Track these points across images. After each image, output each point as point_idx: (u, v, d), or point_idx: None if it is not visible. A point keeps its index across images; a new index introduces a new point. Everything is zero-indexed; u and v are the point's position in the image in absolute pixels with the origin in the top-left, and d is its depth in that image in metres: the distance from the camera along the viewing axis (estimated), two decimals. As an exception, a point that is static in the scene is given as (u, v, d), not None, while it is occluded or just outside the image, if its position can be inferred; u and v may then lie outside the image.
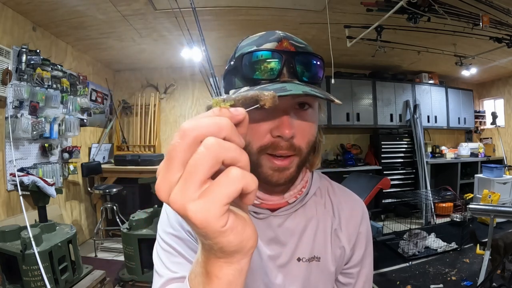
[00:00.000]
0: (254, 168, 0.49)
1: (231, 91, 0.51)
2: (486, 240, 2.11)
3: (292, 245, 0.58)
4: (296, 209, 0.59)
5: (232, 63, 0.53)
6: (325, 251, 0.59)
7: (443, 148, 4.94)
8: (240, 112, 0.26)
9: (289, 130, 0.46)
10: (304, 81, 0.49)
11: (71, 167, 3.31)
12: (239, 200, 0.25)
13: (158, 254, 0.56)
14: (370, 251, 0.65)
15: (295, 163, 0.51)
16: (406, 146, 4.58)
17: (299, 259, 0.58)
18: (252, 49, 0.50)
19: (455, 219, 3.89)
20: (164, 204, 0.58)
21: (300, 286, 0.58)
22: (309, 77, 0.50)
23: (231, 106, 0.26)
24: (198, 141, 0.23)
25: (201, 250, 0.28)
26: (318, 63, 0.51)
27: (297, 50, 0.50)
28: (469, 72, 4.29)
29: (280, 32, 0.53)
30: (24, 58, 2.61)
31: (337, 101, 0.48)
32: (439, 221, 4.11)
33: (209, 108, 0.27)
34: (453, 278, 2.50)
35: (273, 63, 0.47)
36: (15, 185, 2.24)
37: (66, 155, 3.25)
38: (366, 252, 0.64)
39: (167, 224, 0.58)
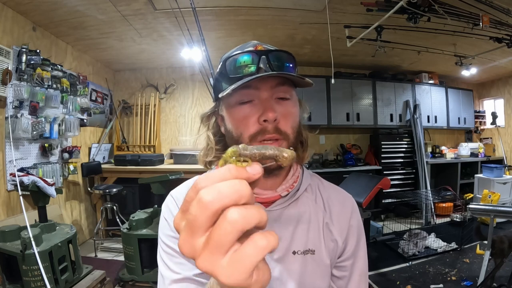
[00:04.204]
0: None
1: (220, 95, 0.56)
2: (493, 237, 2.07)
3: (286, 239, 0.60)
4: (289, 203, 0.62)
5: (218, 70, 0.61)
6: (319, 244, 0.61)
7: (443, 148, 4.93)
8: (257, 171, 0.26)
9: (272, 113, 0.54)
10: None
11: (71, 167, 3.31)
12: None
13: (161, 256, 0.60)
14: (363, 245, 0.67)
15: (284, 147, 0.56)
16: (406, 146, 4.57)
17: (294, 252, 0.60)
18: (233, 53, 0.58)
19: (455, 219, 3.89)
20: (162, 209, 0.65)
21: (297, 279, 0.59)
22: (282, 69, 0.57)
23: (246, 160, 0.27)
24: (219, 212, 0.24)
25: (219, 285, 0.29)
26: (289, 57, 0.59)
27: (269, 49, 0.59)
28: (469, 72, 4.29)
29: (255, 41, 0.62)
30: (24, 58, 2.61)
31: (307, 79, 0.56)
32: (439, 221, 4.11)
33: (223, 161, 0.28)
34: (453, 278, 2.50)
35: (251, 60, 0.56)
36: (15, 185, 2.23)
37: (66, 155, 3.25)
38: (358, 245, 0.66)
39: (167, 227, 0.61)
